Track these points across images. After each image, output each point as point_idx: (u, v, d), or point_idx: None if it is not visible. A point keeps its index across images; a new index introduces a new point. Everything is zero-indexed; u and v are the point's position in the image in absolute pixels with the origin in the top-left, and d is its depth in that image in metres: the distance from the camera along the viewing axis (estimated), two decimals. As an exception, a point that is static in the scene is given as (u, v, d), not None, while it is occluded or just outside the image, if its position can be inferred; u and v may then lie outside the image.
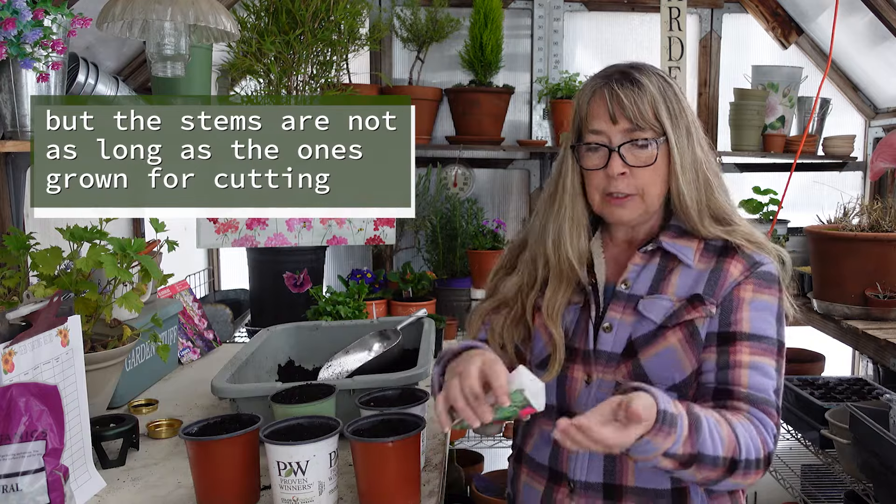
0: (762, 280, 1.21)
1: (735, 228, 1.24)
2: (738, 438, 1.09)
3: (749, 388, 1.16)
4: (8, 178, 1.73)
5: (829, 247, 2.33)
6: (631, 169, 1.20)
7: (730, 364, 1.17)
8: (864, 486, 2.18)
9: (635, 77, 1.20)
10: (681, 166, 1.21)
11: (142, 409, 1.72)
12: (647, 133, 1.20)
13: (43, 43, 1.39)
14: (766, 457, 1.12)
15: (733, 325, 1.19)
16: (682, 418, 1.05)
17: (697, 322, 1.19)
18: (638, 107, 1.19)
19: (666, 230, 1.26)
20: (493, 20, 3.03)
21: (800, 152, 2.92)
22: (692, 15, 3.35)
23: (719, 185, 1.25)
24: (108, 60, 2.34)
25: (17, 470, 1.09)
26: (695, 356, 1.19)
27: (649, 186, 1.22)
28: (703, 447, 1.06)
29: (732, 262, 1.22)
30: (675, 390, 1.19)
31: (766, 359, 1.18)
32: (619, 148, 1.20)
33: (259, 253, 2.58)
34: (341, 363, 1.82)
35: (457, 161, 3.30)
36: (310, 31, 2.50)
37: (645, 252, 1.26)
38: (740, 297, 1.20)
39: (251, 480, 1.26)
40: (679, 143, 1.21)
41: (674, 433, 1.03)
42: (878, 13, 2.70)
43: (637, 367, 1.20)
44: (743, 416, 1.14)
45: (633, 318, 1.22)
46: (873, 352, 2.15)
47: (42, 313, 1.20)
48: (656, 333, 1.20)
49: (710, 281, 1.21)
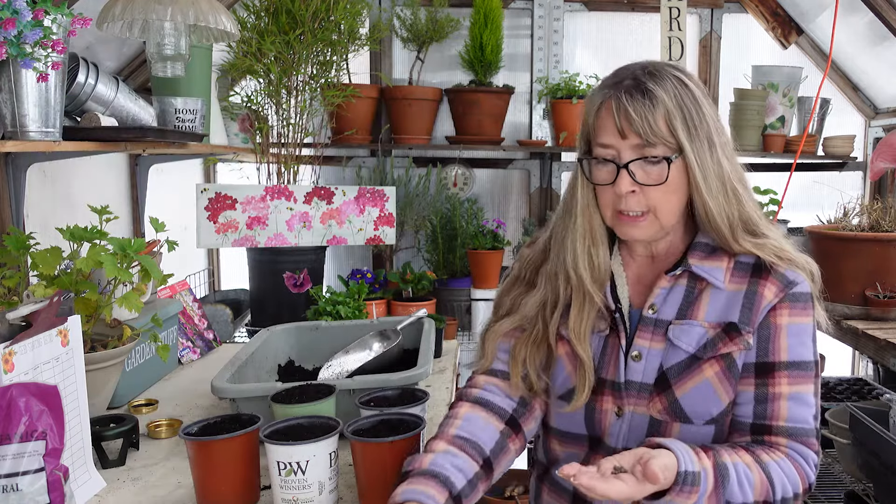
0: (797, 301, 1.15)
1: (766, 242, 1.15)
2: (773, 481, 1.07)
3: (788, 421, 1.12)
4: (8, 178, 1.73)
5: (829, 247, 2.33)
6: (641, 187, 1.12)
7: (769, 398, 1.12)
8: (864, 486, 2.18)
9: (648, 87, 1.10)
10: (703, 180, 1.11)
11: (142, 409, 1.72)
12: (658, 149, 1.10)
13: (43, 43, 1.39)
14: (807, 489, 1.11)
15: (772, 354, 1.13)
16: (707, 473, 1.02)
17: (734, 354, 1.13)
18: (648, 122, 1.09)
19: (694, 249, 1.18)
20: (493, 20, 3.03)
21: (800, 152, 2.92)
22: (692, 15, 3.35)
23: (747, 194, 1.16)
24: (108, 60, 2.34)
25: (17, 470, 1.09)
26: (732, 388, 1.14)
27: (663, 204, 1.13)
28: (731, 496, 1.04)
29: (766, 283, 1.14)
30: (713, 423, 1.15)
31: (805, 386, 1.13)
32: (627, 165, 1.11)
33: (259, 253, 2.58)
34: (341, 363, 1.82)
35: (457, 161, 3.30)
36: (310, 31, 2.50)
37: (674, 275, 1.18)
38: (777, 325, 1.14)
39: (251, 480, 1.26)
40: (699, 157, 1.11)
41: (696, 492, 1.01)
42: (878, 13, 2.70)
43: (672, 401, 1.14)
44: (781, 452, 1.11)
45: (663, 346, 1.15)
46: (873, 352, 2.15)
47: (42, 313, 1.20)
48: (690, 364, 1.14)
49: (745, 306, 1.14)
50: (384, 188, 2.44)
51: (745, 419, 1.14)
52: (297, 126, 2.61)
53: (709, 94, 1.17)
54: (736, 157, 1.18)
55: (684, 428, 1.15)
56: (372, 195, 2.42)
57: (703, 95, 1.15)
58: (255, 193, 2.33)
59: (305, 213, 2.37)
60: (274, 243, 2.36)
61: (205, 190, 2.30)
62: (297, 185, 2.59)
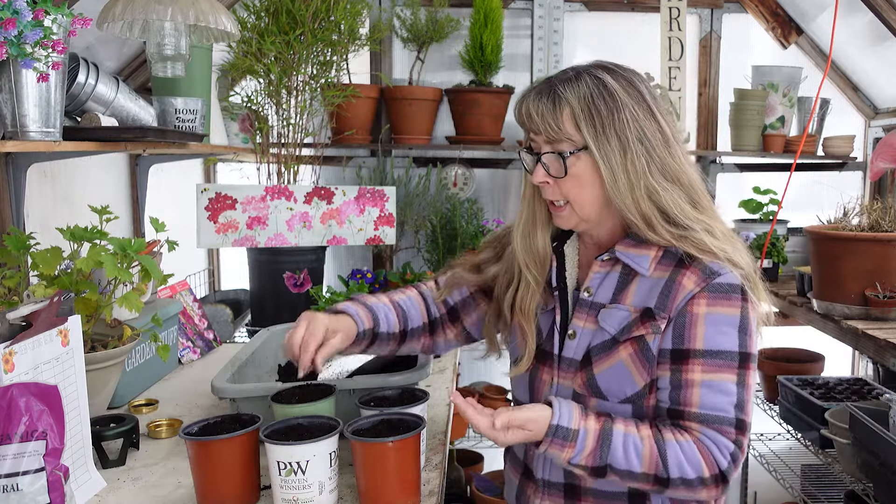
0: (718, 292, 1.17)
1: (688, 234, 1.19)
2: (666, 457, 1.13)
3: (701, 407, 1.15)
4: (8, 178, 1.73)
5: (829, 247, 2.33)
6: (554, 179, 1.22)
7: (682, 384, 1.16)
8: (864, 486, 2.19)
9: (557, 91, 1.19)
10: (611, 175, 1.18)
11: (142, 409, 1.72)
12: (563, 145, 1.19)
13: (43, 43, 1.38)
14: (718, 475, 1.13)
15: (687, 342, 1.17)
16: (587, 433, 1.14)
17: (647, 338, 1.19)
18: (548, 122, 1.19)
19: (626, 237, 1.25)
20: (493, 20, 3.03)
21: (800, 152, 2.92)
22: (692, 15, 3.35)
23: (675, 189, 1.19)
24: (109, 60, 2.34)
25: (18, 470, 1.09)
26: (646, 371, 1.19)
27: (576, 196, 1.22)
28: (613, 461, 1.13)
29: (687, 273, 1.18)
30: (629, 402, 1.21)
31: (722, 374, 1.15)
32: (540, 157, 1.22)
33: (259, 253, 2.58)
34: (341, 363, 1.82)
35: (457, 161, 3.30)
36: (310, 31, 2.50)
37: (604, 261, 1.26)
38: (694, 313, 1.17)
39: (251, 480, 1.26)
40: (605, 154, 1.17)
41: (571, 447, 1.13)
42: (878, 13, 2.70)
43: (590, 378, 1.22)
44: (691, 436, 1.15)
45: (594, 328, 1.24)
46: (873, 352, 2.15)
47: (42, 313, 1.20)
48: (610, 346, 1.21)
49: (664, 293, 1.19)
50: (384, 188, 2.44)
51: (664, 404, 1.19)
52: (297, 126, 2.61)
53: (657, 95, 1.23)
54: (676, 152, 1.21)
55: (601, 404, 1.23)
56: (372, 195, 2.42)
57: (630, 97, 1.19)
58: (255, 193, 2.33)
59: (305, 213, 2.37)
60: (274, 243, 2.36)
61: (205, 190, 2.30)
62: (297, 185, 2.59)
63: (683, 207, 1.20)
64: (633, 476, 1.14)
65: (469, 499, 3.04)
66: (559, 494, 1.26)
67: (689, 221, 1.19)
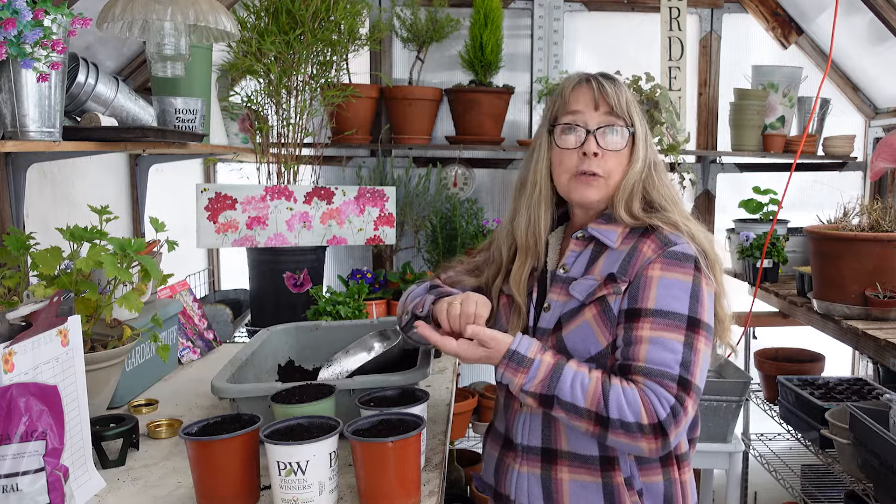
0: (673, 259, 1.28)
1: (658, 214, 1.34)
2: (608, 398, 1.21)
3: (646, 362, 1.23)
4: (8, 178, 1.73)
5: (829, 247, 2.34)
6: (604, 152, 1.35)
7: (632, 340, 1.25)
8: (864, 486, 2.19)
9: (615, 78, 1.40)
10: (637, 158, 1.36)
11: (142, 409, 1.72)
12: (621, 122, 1.36)
13: (43, 43, 1.38)
14: (655, 424, 1.19)
15: (640, 301, 1.27)
16: (541, 364, 1.25)
17: (609, 298, 1.29)
18: (618, 97, 1.36)
19: (598, 218, 1.39)
20: (493, 20, 3.03)
21: (800, 152, 2.92)
22: (692, 15, 3.35)
23: (658, 178, 1.39)
24: (108, 60, 2.34)
25: (17, 470, 1.09)
26: (609, 331, 1.29)
27: (614, 172, 1.36)
28: (560, 392, 1.23)
29: (647, 241, 1.31)
30: (593, 361, 1.30)
31: (670, 333, 1.24)
32: (595, 130, 1.35)
33: (259, 253, 2.58)
34: (341, 363, 1.82)
35: (457, 161, 3.30)
36: (310, 31, 2.50)
37: (578, 239, 1.39)
38: (649, 276, 1.28)
39: (251, 480, 1.26)
40: (639, 139, 1.37)
41: (524, 373, 1.24)
42: (878, 13, 2.70)
43: (559, 339, 1.33)
44: (635, 385, 1.22)
45: (566, 299, 1.35)
46: (873, 352, 2.15)
47: (42, 313, 1.20)
48: (578, 310, 1.32)
49: (625, 260, 1.31)
50: (384, 188, 2.44)
51: (617, 360, 1.28)
52: (297, 126, 2.61)
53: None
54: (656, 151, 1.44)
55: None
56: (372, 195, 2.42)
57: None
58: (255, 193, 2.33)
59: (305, 213, 2.37)
60: (274, 243, 2.36)
61: (205, 190, 2.30)
62: (297, 185, 2.59)
63: (664, 194, 1.38)
64: (576, 411, 1.22)
65: (469, 499, 3.04)
66: (536, 458, 1.36)
67: (667, 203, 1.37)
